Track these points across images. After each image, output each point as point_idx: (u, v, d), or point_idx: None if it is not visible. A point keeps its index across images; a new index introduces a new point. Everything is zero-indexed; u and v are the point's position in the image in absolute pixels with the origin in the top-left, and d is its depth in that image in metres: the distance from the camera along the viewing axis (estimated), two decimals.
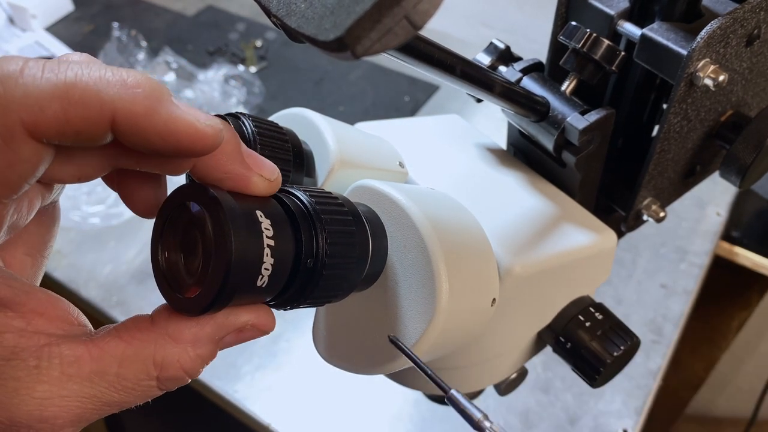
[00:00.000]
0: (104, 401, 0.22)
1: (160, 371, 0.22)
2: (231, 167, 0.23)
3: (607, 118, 0.34)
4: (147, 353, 0.22)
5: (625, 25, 0.35)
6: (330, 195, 0.25)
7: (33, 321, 0.22)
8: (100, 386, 0.21)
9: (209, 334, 0.23)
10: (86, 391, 0.21)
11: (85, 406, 0.21)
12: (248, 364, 0.75)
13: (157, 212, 0.23)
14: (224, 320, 0.23)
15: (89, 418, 0.22)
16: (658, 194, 0.39)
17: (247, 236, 0.21)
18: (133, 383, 0.22)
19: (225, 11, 1.31)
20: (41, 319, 0.22)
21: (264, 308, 0.24)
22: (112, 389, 0.22)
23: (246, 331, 0.24)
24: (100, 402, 0.21)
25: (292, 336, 0.78)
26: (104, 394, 0.21)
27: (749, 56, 0.34)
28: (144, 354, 0.22)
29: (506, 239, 0.33)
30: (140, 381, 0.22)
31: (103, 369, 0.21)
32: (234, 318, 0.23)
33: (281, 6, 0.20)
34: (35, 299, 0.22)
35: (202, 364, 0.23)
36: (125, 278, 0.84)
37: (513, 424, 0.71)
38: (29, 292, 0.22)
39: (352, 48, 0.17)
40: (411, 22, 0.17)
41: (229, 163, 0.23)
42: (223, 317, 0.23)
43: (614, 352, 0.34)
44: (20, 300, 0.22)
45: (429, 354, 0.28)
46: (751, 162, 0.35)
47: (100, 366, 0.21)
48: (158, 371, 0.22)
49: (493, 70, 0.38)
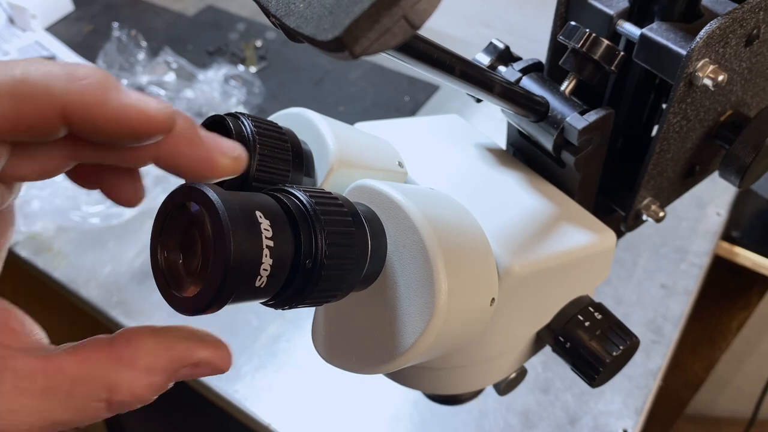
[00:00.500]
0: (53, 420, 0.21)
1: (110, 394, 0.22)
2: (192, 151, 0.23)
3: (606, 118, 0.34)
4: (99, 375, 0.22)
5: (625, 25, 0.35)
6: (330, 195, 0.25)
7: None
8: (50, 403, 0.21)
9: (164, 366, 0.23)
10: (36, 407, 0.21)
11: (33, 423, 0.21)
12: (248, 364, 0.75)
13: (157, 212, 0.23)
14: (181, 353, 0.23)
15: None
16: (657, 194, 0.39)
17: (246, 236, 0.21)
18: (83, 404, 0.22)
19: (225, 11, 1.31)
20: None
21: (222, 346, 0.24)
22: (62, 408, 0.21)
23: (201, 366, 0.24)
24: (48, 420, 0.21)
25: (292, 336, 0.78)
26: (53, 412, 0.21)
27: (748, 56, 0.34)
28: (96, 375, 0.22)
29: (505, 239, 0.33)
30: (90, 402, 0.22)
31: (55, 386, 0.21)
32: (190, 353, 0.23)
33: (280, 6, 0.20)
34: None
35: (153, 393, 0.23)
36: (125, 278, 0.84)
37: (513, 424, 0.71)
38: None
39: (351, 48, 0.17)
40: (409, 21, 0.17)
41: (189, 147, 0.23)
42: (181, 351, 0.23)
43: (613, 352, 0.34)
44: None
45: (428, 353, 0.28)
46: (751, 162, 0.35)
47: (53, 383, 0.21)
48: (108, 394, 0.22)
49: (493, 70, 0.38)
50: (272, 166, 0.29)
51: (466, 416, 0.71)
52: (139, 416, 1.04)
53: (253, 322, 0.79)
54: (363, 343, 0.29)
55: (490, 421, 0.71)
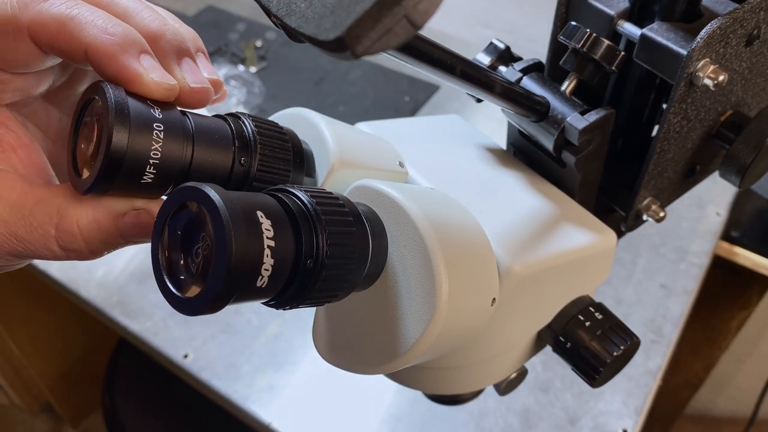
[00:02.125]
0: (11, 231, 0.26)
1: (59, 220, 0.26)
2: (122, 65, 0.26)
3: (606, 118, 0.34)
4: (55, 202, 0.26)
5: (625, 25, 0.35)
6: (330, 195, 0.25)
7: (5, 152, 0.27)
8: (15, 214, 0.26)
9: (108, 205, 0.26)
10: (3, 215, 0.25)
11: None
12: (248, 364, 0.75)
13: (158, 212, 0.24)
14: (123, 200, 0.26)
15: None
16: (657, 194, 0.39)
17: (247, 237, 0.21)
18: (38, 224, 0.26)
19: (225, 11, 1.31)
20: (12, 154, 0.27)
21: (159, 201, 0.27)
22: (22, 223, 0.26)
23: (142, 215, 0.27)
24: (7, 230, 0.26)
25: (293, 336, 0.78)
26: (14, 223, 0.26)
27: (749, 56, 0.34)
28: (53, 202, 0.26)
29: (506, 239, 0.33)
30: (43, 224, 0.26)
31: (23, 203, 0.26)
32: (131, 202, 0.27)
33: (281, 6, 0.20)
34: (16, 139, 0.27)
35: (97, 236, 0.26)
36: (125, 278, 0.84)
37: (513, 424, 0.71)
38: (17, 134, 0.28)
39: (352, 48, 0.17)
40: (411, 21, 0.17)
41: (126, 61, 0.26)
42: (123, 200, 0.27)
43: (614, 352, 0.34)
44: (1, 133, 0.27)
45: (428, 354, 0.28)
46: (751, 162, 0.35)
47: (24, 200, 0.26)
48: (58, 220, 0.26)
49: (493, 70, 0.38)
50: (273, 166, 0.29)
51: (466, 416, 0.71)
52: (139, 416, 1.05)
53: (253, 322, 0.79)
54: (364, 343, 0.29)
55: (490, 421, 0.71)
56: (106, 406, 1.08)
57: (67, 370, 1.40)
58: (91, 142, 0.26)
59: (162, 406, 1.06)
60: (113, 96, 0.24)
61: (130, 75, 0.25)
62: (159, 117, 0.25)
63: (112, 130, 0.24)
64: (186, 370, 0.75)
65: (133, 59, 0.25)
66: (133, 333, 0.78)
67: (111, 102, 0.24)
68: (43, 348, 1.31)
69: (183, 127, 0.26)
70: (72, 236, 0.26)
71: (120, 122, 0.24)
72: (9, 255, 0.26)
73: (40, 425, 1.54)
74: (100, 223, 0.26)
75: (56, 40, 0.25)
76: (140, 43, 0.26)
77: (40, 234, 0.26)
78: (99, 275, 0.84)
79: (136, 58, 0.25)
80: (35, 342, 1.28)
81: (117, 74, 0.25)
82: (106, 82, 0.25)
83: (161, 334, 0.78)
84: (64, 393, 1.42)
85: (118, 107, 0.24)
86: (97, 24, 0.25)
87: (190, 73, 0.28)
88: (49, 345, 1.32)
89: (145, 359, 0.83)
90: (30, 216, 0.26)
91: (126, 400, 1.06)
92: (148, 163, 0.25)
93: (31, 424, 1.53)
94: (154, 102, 0.26)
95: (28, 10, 0.25)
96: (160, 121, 0.25)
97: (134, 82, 0.25)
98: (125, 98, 0.25)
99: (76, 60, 0.26)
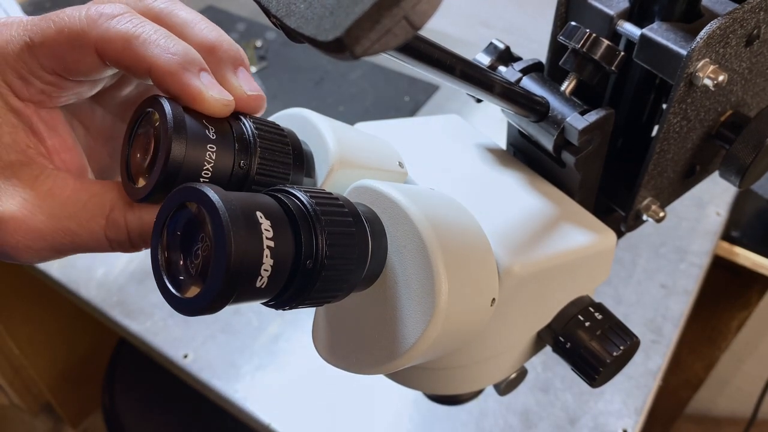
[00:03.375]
0: (61, 225, 0.27)
1: (110, 212, 0.28)
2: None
3: (606, 118, 0.34)
4: (108, 196, 0.28)
5: (625, 25, 0.35)
6: (330, 195, 0.25)
7: (53, 153, 0.29)
8: (66, 209, 0.27)
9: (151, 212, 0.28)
10: (54, 210, 0.27)
11: (46, 222, 0.27)
12: (248, 364, 0.75)
13: (157, 213, 0.24)
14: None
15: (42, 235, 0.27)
16: (657, 194, 0.39)
17: (246, 237, 0.21)
18: (90, 216, 0.28)
19: (225, 11, 1.31)
20: (58, 155, 0.29)
21: None
22: (72, 216, 0.27)
23: None
24: (58, 224, 0.27)
25: (292, 336, 0.78)
26: (65, 217, 0.27)
27: (749, 56, 0.34)
28: (107, 196, 0.28)
29: (506, 239, 0.33)
30: (95, 216, 0.28)
31: (76, 197, 0.28)
32: None
33: (281, 6, 0.20)
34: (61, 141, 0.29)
35: (139, 231, 0.28)
36: (125, 278, 0.84)
37: (513, 424, 0.71)
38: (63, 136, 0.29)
39: (351, 48, 0.17)
40: (410, 22, 0.17)
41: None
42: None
43: (614, 352, 0.34)
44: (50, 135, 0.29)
45: (428, 354, 0.28)
46: (751, 162, 0.35)
47: (77, 195, 0.28)
48: (109, 211, 0.28)
49: (493, 70, 0.38)
50: (273, 167, 0.29)
51: (466, 416, 0.71)
52: (139, 416, 1.05)
53: (253, 322, 0.79)
54: (363, 343, 0.29)
55: (490, 421, 0.71)
56: (106, 406, 1.08)
57: (67, 370, 1.40)
58: (146, 153, 0.27)
59: (162, 406, 1.06)
60: (171, 111, 0.26)
61: (192, 92, 0.27)
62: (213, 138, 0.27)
63: (171, 144, 0.25)
64: (186, 370, 0.75)
65: (194, 77, 0.27)
66: (132, 333, 0.78)
67: (170, 117, 0.26)
68: (43, 348, 1.31)
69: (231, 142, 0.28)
70: (118, 228, 0.28)
71: (178, 137, 0.25)
72: (52, 250, 0.28)
73: (40, 425, 1.54)
74: (143, 220, 0.28)
75: (121, 56, 0.26)
76: (199, 61, 0.28)
77: (92, 226, 0.28)
78: (99, 275, 0.84)
79: (197, 76, 0.27)
80: (35, 342, 1.28)
81: (179, 91, 0.27)
82: (164, 97, 0.27)
83: (161, 334, 0.78)
84: (64, 393, 1.42)
85: (177, 122, 0.25)
86: (160, 43, 0.27)
87: (245, 82, 0.30)
88: (49, 345, 1.32)
89: (145, 359, 0.83)
90: (83, 209, 0.28)
91: (126, 400, 1.06)
92: (201, 176, 0.26)
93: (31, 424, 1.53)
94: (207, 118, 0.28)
95: (96, 25, 0.26)
96: (214, 142, 0.27)
97: (195, 99, 0.27)
98: (183, 114, 0.26)
99: (138, 75, 0.27)
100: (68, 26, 0.26)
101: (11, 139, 0.28)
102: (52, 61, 0.27)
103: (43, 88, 0.28)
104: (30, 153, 0.28)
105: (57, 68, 0.27)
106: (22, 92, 0.28)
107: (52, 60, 0.27)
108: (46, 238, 0.27)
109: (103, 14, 0.27)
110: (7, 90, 0.27)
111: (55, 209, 0.27)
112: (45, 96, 0.28)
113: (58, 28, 0.27)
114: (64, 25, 0.27)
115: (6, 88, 0.27)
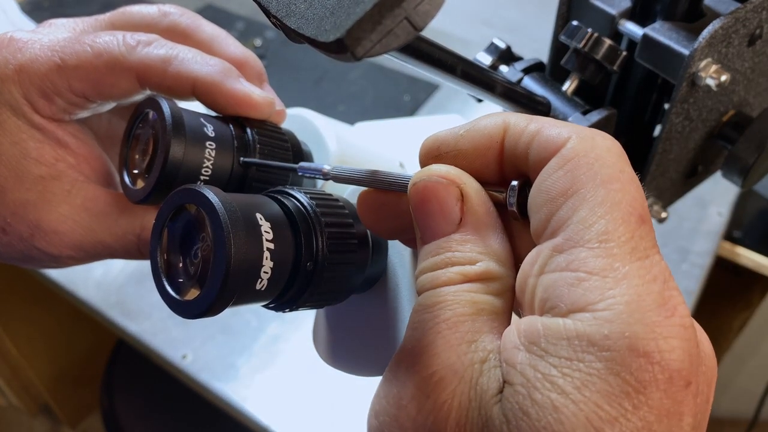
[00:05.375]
0: (98, 239, 0.29)
1: (141, 231, 0.29)
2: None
3: (608, 118, 0.34)
4: (139, 214, 0.29)
5: (627, 24, 0.34)
6: (330, 197, 0.25)
7: (81, 163, 0.29)
8: (101, 224, 0.29)
9: None
10: (91, 225, 0.29)
11: (85, 235, 0.29)
12: (248, 364, 0.75)
13: (156, 214, 0.23)
14: None
15: (82, 246, 0.29)
16: (659, 194, 0.39)
17: (246, 239, 0.21)
18: (123, 232, 0.29)
19: (224, 10, 1.31)
20: (86, 164, 0.30)
21: None
22: (108, 231, 0.29)
23: None
24: (95, 238, 0.29)
25: (292, 337, 0.78)
26: (101, 232, 0.29)
27: (751, 56, 0.34)
28: (137, 214, 0.29)
29: None
30: (127, 233, 0.29)
31: (109, 212, 0.29)
32: None
33: (281, 7, 0.19)
34: (88, 150, 0.30)
35: None
36: (124, 278, 0.84)
37: None
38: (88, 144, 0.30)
39: (352, 49, 0.16)
40: (412, 23, 0.16)
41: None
42: None
43: None
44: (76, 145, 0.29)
45: None
46: (754, 162, 0.35)
47: (109, 209, 0.29)
48: (141, 230, 0.29)
49: (494, 69, 0.38)
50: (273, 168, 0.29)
51: None
52: (138, 417, 1.04)
53: (252, 323, 0.79)
54: (364, 345, 0.29)
55: None
56: (105, 407, 1.07)
57: (66, 370, 1.39)
58: (145, 154, 0.27)
59: (161, 407, 1.06)
60: (170, 110, 0.26)
61: (239, 96, 0.28)
62: (212, 135, 0.27)
63: (170, 143, 0.25)
64: (185, 371, 0.74)
65: (237, 83, 0.28)
66: (131, 333, 0.78)
67: (168, 116, 0.26)
68: (42, 349, 1.31)
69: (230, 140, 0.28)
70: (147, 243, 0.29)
71: (177, 135, 0.25)
72: (90, 258, 0.30)
73: (39, 426, 1.54)
74: None
75: (164, 78, 0.28)
76: (236, 70, 0.29)
77: (126, 241, 0.29)
78: (97, 275, 0.84)
79: (239, 82, 0.28)
80: (33, 342, 1.28)
81: (226, 97, 0.28)
82: (162, 96, 0.27)
83: (160, 334, 0.78)
84: (62, 394, 1.42)
85: (175, 121, 0.26)
86: (198, 59, 0.28)
87: (270, 94, 0.31)
88: (48, 346, 1.32)
89: (144, 360, 0.83)
90: (115, 225, 0.29)
91: (124, 401, 1.06)
92: (200, 175, 0.27)
93: (30, 425, 1.53)
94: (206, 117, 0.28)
95: (135, 52, 0.28)
96: (213, 140, 0.27)
97: (243, 100, 0.28)
98: (181, 113, 0.26)
99: (181, 94, 0.28)
100: (107, 51, 0.27)
101: (38, 154, 0.28)
102: (84, 84, 0.28)
103: (66, 107, 0.28)
104: (59, 166, 0.29)
105: (88, 91, 0.28)
106: (44, 110, 0.28)
107: (84, 83, 0.28)
108: (86, 249, 0.29)
109: (141, 41, 0.28)
110: (29, 108, 0.28)
111: (92, 224, 0.29)
112: (65, 113, 0.29)
113: (96, 53, 0.27)
114: (102, 50, 0.27)
115: (28, 106, 0.28)
